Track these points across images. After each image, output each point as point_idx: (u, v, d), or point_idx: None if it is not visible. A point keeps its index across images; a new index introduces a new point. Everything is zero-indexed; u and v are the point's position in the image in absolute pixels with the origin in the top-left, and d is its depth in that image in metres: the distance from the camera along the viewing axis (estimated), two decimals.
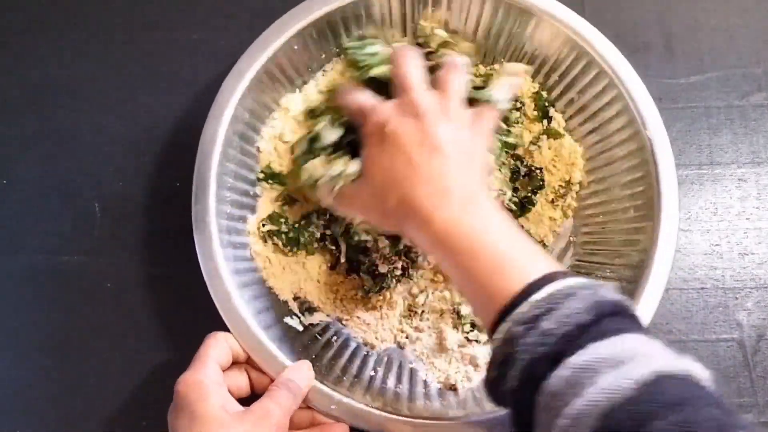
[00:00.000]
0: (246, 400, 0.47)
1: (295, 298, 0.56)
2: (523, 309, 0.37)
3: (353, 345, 0.56)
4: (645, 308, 0.50)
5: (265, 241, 0.55)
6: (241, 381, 0.49)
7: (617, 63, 0.54)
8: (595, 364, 0.34)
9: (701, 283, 0.58)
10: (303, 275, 0.56)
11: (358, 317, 0.57)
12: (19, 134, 0.61)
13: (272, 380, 0.48)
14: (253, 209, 0.56)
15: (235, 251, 0.53)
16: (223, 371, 0.48)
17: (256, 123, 0.56)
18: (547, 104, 0.58)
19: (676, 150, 0.53)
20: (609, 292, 0.38)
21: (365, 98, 0.50)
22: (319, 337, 0.55)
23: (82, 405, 0.56)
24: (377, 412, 0.48)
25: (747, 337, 0.57)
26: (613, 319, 0.37)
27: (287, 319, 0.54)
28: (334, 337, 0.55)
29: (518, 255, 0.41)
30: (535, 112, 0.58)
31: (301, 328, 0.54)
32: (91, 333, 0.57)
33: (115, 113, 0.62)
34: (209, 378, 0.45)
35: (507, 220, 0.44)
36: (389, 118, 0.47)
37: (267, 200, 0.56)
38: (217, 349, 0.48)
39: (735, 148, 0.61)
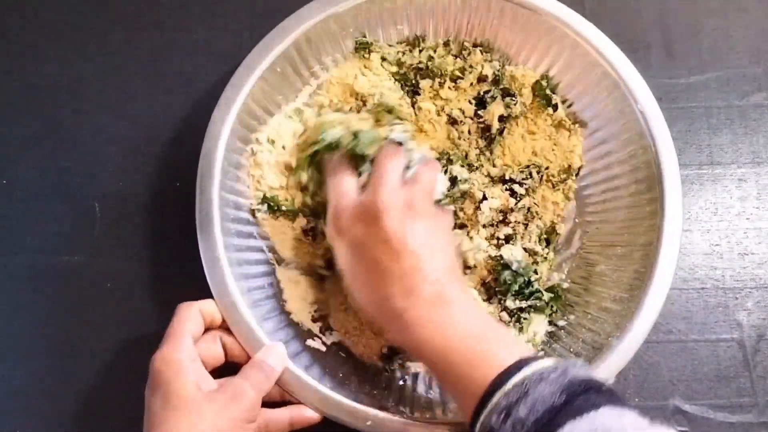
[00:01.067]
0: (221, 369, 0.48)
1: (314, 320, 0.56)
2: (497, 399, 0.38)
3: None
4: (659, 287, 0.51)
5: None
6: (215, 350, 0.50)
7: (618, 61, 0.55)
8: None
9: (701, 283, 0.58)
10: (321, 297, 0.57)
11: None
12: (19, 134, 0.61)
13: (244, 347, 0.49)
14: (253, 235, 0.56)
15: (248, 282, 0.53)
16: (197, 341, 0.49)
17: (244, 147, 0.56)
18: (549, 92, 0.58)
19: (676, 150, 0.53)
20: (579, 369, 0.39)
21: (343, 186, 0.48)
22: (343, 354, 0.54)
23: (82, 405, 0.56)
24: (415, 422, 0.48)
25: (747, 337, 0.57)
26: (585, 396, 0.37)
27: (310, 342, 0.54)
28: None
29: (488, 345, 0.42)
30: (539, 100, 0.59)
31: (324, 348, 0.54)
32: (91, 333, 0.57)
33: (115, 113, 0.62)
34: (184, 354, 0.46)
35: (475, 309, 0.45)
36: (350, 228, 0.46)
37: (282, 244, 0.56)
38: (190, 321, 0.48)
39: (735, 148, 0.61)
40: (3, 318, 0.57)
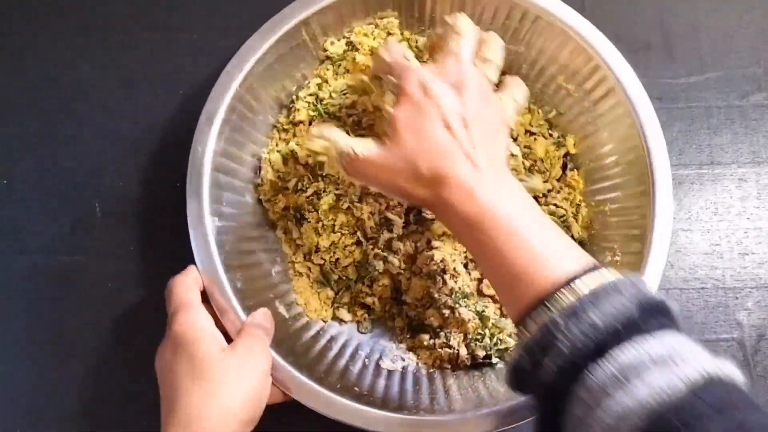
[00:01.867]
0: None
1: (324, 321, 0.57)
2: (568, 298, 0.37)
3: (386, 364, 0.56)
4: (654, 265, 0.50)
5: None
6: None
7: (614, 60, 0.54)
8: (644, 360, 0.33)
9: (701, 283, 0.58)
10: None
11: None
12: (19, 134, 0.61)
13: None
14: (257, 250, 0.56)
15: (244, 273, 0.53)
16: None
17: (240, 155, 0.56)
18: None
19: (677, 150, 0.53)
20: (651, 290, 0.38)
21: (406, 56, 0.46)
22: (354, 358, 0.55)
23: (82, 405, 0.56)
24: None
25: (747, 337, 0.57)
26: (657, 316, 0.36)
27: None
28: (365, 357, 0.56)
29: (556, 244, 0.40)
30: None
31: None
32: (91, 333, 0.57)
33: (115, 113, 0.62)
34: (203, 320, 0.47)
35: (536, 205, 0.43)
36: (432, 81, 0.43)
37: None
38: (195, 290, 0.49)
39: (735, 148, 0.61)
40: (3, 318, 0.57)
